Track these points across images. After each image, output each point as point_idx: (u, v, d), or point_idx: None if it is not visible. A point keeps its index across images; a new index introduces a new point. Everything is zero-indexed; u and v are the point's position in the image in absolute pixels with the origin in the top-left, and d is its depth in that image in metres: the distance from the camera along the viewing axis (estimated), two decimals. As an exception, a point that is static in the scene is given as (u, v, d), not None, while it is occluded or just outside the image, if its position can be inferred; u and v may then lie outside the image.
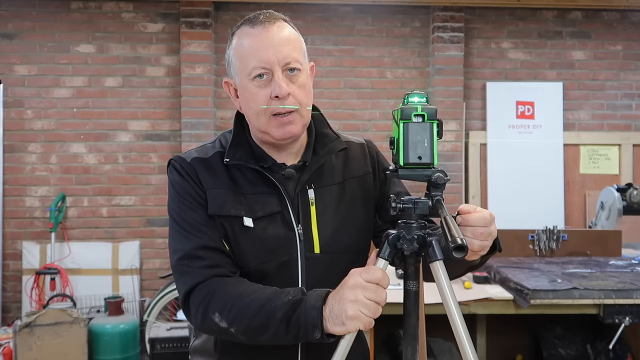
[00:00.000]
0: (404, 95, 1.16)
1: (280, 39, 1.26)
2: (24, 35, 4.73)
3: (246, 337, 1.19)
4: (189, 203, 1.29)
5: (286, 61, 1.25)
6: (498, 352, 3.64)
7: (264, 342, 1.19)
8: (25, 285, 4.55)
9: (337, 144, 1.38)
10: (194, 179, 1.30)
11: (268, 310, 1.16)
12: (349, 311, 1.09)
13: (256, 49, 1.25)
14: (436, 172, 1.13)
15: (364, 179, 1.42)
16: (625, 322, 2.55)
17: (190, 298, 1.23)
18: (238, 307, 1.18)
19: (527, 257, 3.41)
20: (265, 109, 1.25)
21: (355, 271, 1.13)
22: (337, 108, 4.87)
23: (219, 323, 1.19)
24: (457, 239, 0.99)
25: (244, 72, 1.27)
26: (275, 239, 1.28)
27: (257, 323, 1.16)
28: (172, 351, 3.75)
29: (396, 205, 1.15)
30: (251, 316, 1.16)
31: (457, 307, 1.12)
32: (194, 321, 1.24)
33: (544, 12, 5.03)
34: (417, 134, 1.13)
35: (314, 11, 4.88)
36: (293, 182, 1.32)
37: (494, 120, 4.98)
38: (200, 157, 1.33)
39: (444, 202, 1.12)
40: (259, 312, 1.16)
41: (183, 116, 4.72)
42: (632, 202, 3.76)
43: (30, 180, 4.75)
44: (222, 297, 1.20)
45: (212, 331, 1.25)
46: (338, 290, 1.13)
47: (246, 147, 1.33)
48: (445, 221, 1.05)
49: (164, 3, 4.78)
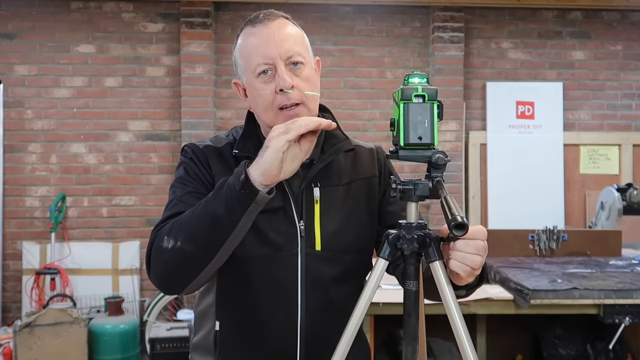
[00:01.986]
0: (405, 76, 1.16)
1: (281, 34, 1.29)
2: (24, 35, 4.73)
3: (192, 242, 1.16)
4: (192, 181, 1.31)
5: (288, 55, 1.27)
6: (498, 352, 3.65)
7: (208, 237, 1.15)
8: (25, 285, 4.55)
9: (344, 144, 1.39)
10: (203, 163, 1.33)
11: (202, 204, 1.17)
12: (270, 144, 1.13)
13: (258, 46, 1.28)
14: (436, 153, 1.12)
15: (370, 181, 1.42)
16: (625, 322, 2.55)
17: (151, 252, 1.22)
18: (179, 221, 1.19)
19: (527, 257, 3.41)
20: (271, 103, 1.28)
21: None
22: (337, 108, 4.87)
23: (167, 246, 1.17)
24: (458, 217, 0.99)
25: (249, 70, 1.30)
26: (276, 233, 1.29)
27: (195, 219, 1.16)
28: (172, 351, 3.76)
29: (397, 187, 1.15)
30: (189, 217, 1.18)
31: (457, 307, 1.12)
32: (153, 267, 1.21)
33: (544, 12, 5.03)
34: (417, 115, 1.12)
35: (314, 11, 4.88)
36: (299, 178, 1.33)
37: (494, 120, 4.98)
38: (213, 145, 1.37)
39: (444, 183, 1.11)
40: (194, 211, 1.18)
41: (183, 116, 4.72)
42: (632, 202, 3.76)
43: (30, 180, 4.75)
44: (167, 227, 1.21)
45: (166, 263, 1.19)
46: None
47: (255, 141, 1.35)
48: (445, 201, 1.04)
49: (164, 3, 4.78)
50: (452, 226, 0.99)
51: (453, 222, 0.99)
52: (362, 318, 1.17)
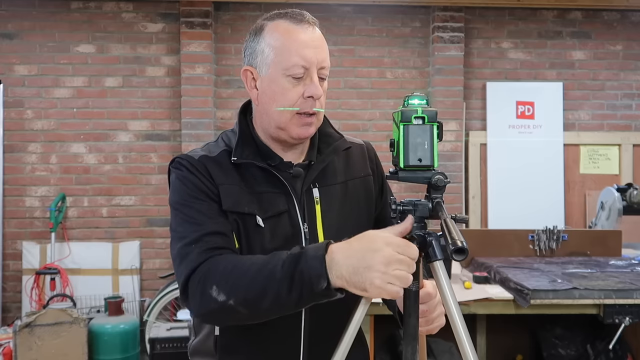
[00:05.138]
0: (404, 97, 1.17)
1: (321, 42, 1.29)
2: (24, 35, 4.73)
3: (247, 307, 1.12)
4: (197, 195, 1.26)
5: (322, 65, 1.28)
6: (498, 352, 3.64)
7: (266, 310, 1.12)
8: (25, 285, 4.55)
9: (341, 143, 1.39)
10: (204, 174, 1.27)
11: (267, 272, 1.10)
12: (375, 281, 1.03)
13: (300, 46, 1.25)
14: (436, 174, 1.13)
15: (365, 180, 1.43)
16: (625, 322, 2.55)
17: (189, 282, 1.18)
18: (235, 275, 1.13)
19: (527, 257, 3.41)
20: (292, 105, 1.26)
21: (390, 241, 1.05)
22: (337, 108, 4.87)
23: (217, 297, 1.12)
24: (458, 241, 0.99)
25: (280, 66, 1.26)
26: (283, 238, 1.28)
27: (256, 287, 1.10)
28: (172, 351, 3.75)
29: (396, 207, 1.15)
30: (249, 281, 1.11)
31: (457, 307, 1.12)
32: (193, 303, 1.17)
33: (544, 12, 5.03)
34: (417, 136, 1.13)
35: (314, 11, 4.79)
36: (300, 180, 1.33)
37: (494, 120, 4.98)
38: (207, 155, 1.31)
39: (444, 205, 1.12)
40: (256, 275, 1.11)
41: (183, 116, 4.72)
42: (632, 202, 3.76)
43: (30, 180, 4.75)
44: (218, 271, 1.15)
45: (213, 311, 1.15)
46: (362, 253, 1.05)
47: (252, 145, 1.33)
48: (445, 223, 1.04)
49: (164, 3, 4.78)
50: (452, 251, 0.99)
51: (453, 247, 0.99)
52: (362, 318, 1.17)
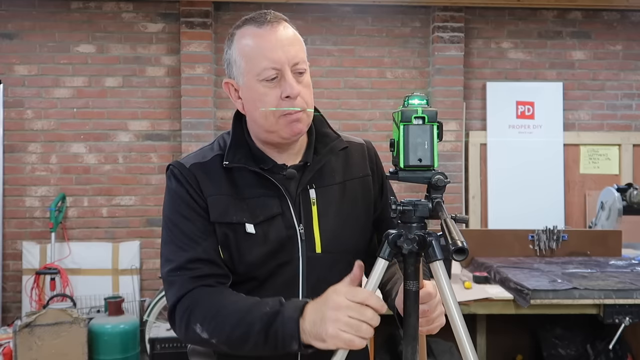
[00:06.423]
0: (404, 98, 1.17)
1: (288, 39, 1.26)
2: (24, 35, 4.73)
3: (228, 347, 1.19)
4: (186, 213, 1.27)
5: (295, 61, 1.25)
6: (498, 352, 3.65)
7: (247, 352, 1.19)
8: (25, 285, 4.55)
9: (338, 143, 1.38)
10: (193, 186, 1.27)
11: (247, 322, 1.15)
12: (329, 330, 1.07)
13: (266, 49, 1.23)
14: (436, 174, 1.13)
15: (364, 180, 1.41)
16: (625, 322, 2.55)
17: (176, 310, 1.23)
18: (218, 319, 1.18)
19: (527, 257, 3.41)
20: (275, 110, 1.24)
21: (339, 290, 1.11)
22: (337, 108, 4.87)
23: (200, 334, 1.19)
24: (458, 241, 0.99)
25: (252, 73, 1.25)
26: (277, 241, 1.28)
27: (236, 335, 1.16)
28: (172, 351, 3.75)
29: (396, 207, 1.15)
30: (231, 328, 1.16)
31: (457, 307, 1.12)
32: (179, 332, 1.25)
33: (544, 12, 5.03)
34: (417, 136, 1.13)
35: (314, 11, 4.88)
36: (294, 182, 1.32)
37: (494, 120, 4.98)
38: (199, 161, 1.31)
39: (444, 205, 1.12)
40: (238, 324, 1.16)
41: (183, 116, 4.72)
42: (632, 202, 3.76)
43: (30, 180, 4.75)
44: (203, 308, 1.20)
45: (195, 342, 1.25)
46: (320, 306, 1.11)
47: (245, 149, 1.32)
48: (445, 223, 1.04)
49: (164, 3, 4.78)
50: (453, 251, 0.99)
51: (453, 247, 0.99)
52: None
